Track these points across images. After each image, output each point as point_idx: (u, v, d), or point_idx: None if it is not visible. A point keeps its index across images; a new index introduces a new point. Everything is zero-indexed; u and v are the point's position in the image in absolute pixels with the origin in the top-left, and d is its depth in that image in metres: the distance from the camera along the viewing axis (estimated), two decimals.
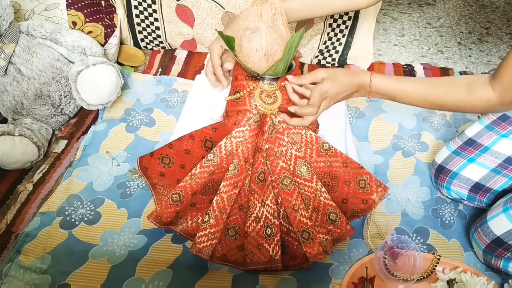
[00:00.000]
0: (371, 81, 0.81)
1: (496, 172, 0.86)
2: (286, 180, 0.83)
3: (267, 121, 0.83)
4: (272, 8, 0.75)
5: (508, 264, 0.80)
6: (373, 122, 1.17)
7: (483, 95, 0.77)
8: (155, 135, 1.12)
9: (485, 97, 0.77)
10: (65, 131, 1.15)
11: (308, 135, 0.84)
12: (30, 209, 0.96)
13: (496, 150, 0.85)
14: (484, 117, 0.87)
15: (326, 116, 0.97)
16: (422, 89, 0.81)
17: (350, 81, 0.82)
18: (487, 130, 0.86)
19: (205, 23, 1.30)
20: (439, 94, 0.81)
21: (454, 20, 1.64)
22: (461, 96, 0.79)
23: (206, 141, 0.89)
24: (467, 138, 0.89)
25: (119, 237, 0.90)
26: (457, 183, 0.92)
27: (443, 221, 0.94)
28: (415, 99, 0.83)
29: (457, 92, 0.79)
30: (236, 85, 0.85)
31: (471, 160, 0.88)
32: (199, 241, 0.81)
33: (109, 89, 1.10)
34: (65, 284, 0.81)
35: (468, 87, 0.78)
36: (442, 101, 0.81)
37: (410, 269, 0.81)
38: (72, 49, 1.12)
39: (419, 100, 0.83)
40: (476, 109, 0.81)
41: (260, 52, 0.77)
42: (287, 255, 0.84)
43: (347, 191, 0.87)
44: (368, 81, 0.81)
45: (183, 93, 1.24)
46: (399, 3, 1.72)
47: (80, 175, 1.01)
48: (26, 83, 1.05)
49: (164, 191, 0.93)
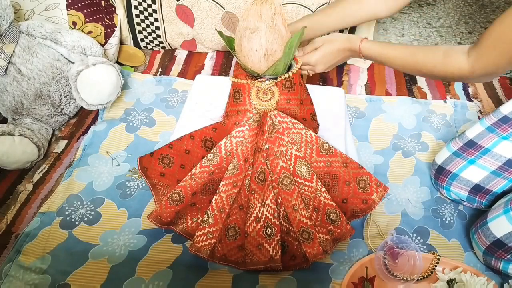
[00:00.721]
0: (360, 47, 0.95)
1: (496, 175, 0.86)
2: (286, 180, 0.83)
3: (267, 121, 0.83)
4: (272, 8, 0.75)
5: (508, 266, 0.80)
6: (373, 122, 1.17)
7: (456, 62, 0.80)
8: (155, 135, 1.12)
9: (457, 65, 0.80)
10: (65, 131, 1.15)
11: (308, 135, 0.84)
12: (30, 209, 0.96)
13: (496, 152, 0.85)
14: (485, 118, 0.87)
15: (326, 116, 0.98)
16: (404, 54, 0.90)
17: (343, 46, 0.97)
18: (488, 132, 0.86)
19: (205, 23, 1.30)
20: (418, 59, 0.88)
21: (454, 20, 1.64)
22: (436, 62, 0.84)
23: (206, 141, 0.90)
24: (467, 140, 0.89)
25: (119, 237, 0.90)
26: (456, 184, 0.92)
27: (443, 221, 0.94)
28: (398, 64, 0.92)
29: (433, 58, 0.85)
30: (236, 85, 0.85)
31: (472, 161, 0.88)
32: (198, 240, 0.82)
33: (109, 89, 1.10)
34: (65, 284, 0.81)
35: (444, 54, 0.83)
36: (420, 66, 0.88)
37: (410, 269, 0.81)
38: (72, 49, 1.12)
39: (401, 65, 0.92)
40: (448, 76, 0.85)
41: (260, 52, 0.77)
42: (287, 255, 0.84)
43: (347, 191, 0.87)
44: (358, 47, 0.95)
45: (183, 93, 1.24)
46: None
47: (80, 175, 1.01)
48: (26, 83, 1.05)
49: (164, 191, 0.93)
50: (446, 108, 1.21)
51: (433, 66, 0.85)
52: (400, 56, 0.90)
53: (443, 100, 1.24)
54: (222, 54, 1.42)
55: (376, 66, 1.38)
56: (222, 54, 1.42)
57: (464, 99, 1.25)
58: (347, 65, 1.38)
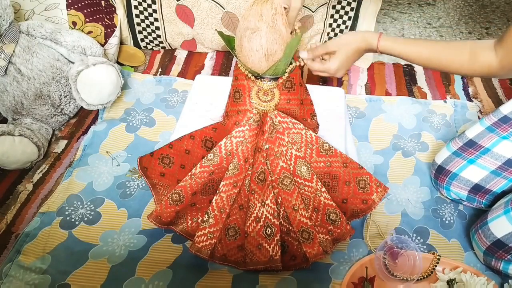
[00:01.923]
0: (378, 46, 0.90)
1: (496, 174, 0.86)
2: (286, 180, 0.83)
3: (267, 121, 0.83)
4: (272, 8, 0.75)
5: (508, 266, 0.80)
6: (373, 122, 1.17)
7: (484, 60, 0.79)
8: (155, 135, 1.12)
9: (486, 62, 0.79)
10: (65, 131, 1.15)
11: (308, 135, 0.84)
12: (30, 209, 0.96)
13: (496, 152, 0.85)
14: (485, 118, 0.87)
15: (326, 116, 0.98)
16: (426, 53, 0.86)
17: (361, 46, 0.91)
18: (488, 132, 0.86)
19: (205, 23, 1.30)
20: (441, 58, 0.85)
21: (454, 20, 1.64)
22: (463, 62, 0.82)
23: (206, 141, 0.90)
24: (467, 139, 0.89)
25: (119, 237, 0.90)
26: (456, 184, 0.92)
27: (443, 221, 0.94)
28: (420, 62, 0.89)
29: (460, 58, 0.83)
30: (236, 85, 0.85)
31: (471, 161, 0.88)
32: (198, 240, 0.82)
33: (109, 89, 1.10)
34: (65, 284, 0.81)
35: (471, 52, 0.81)
36: (444, 65, 0.86)
37: (410, 269, 0.81)
38: (72, 49, 1.12)
39: (423, 63, 0.89)
40: (477, 73, 0.83)
41: (260, 52, 0.77)
42: (287, 255, 0.84)
43: (347, 191, 0.87)
44: (376, 46, 0.90)
45: (183, 93, 1.24)
46: (399, 3, 1.72)
47: (80, 175, 1.01)
48: (26, 83, 1.05)
49: (164, 191, 0.93)
50: (446, 108, 1.21)
51: (459, 65, 0.83)
52: (422, 56, 0.87)
53: (443, 100, 1.24)
54: (222, 54, 1.42)
55: (376, 66, 1.38)
56: (222, 54, 1.42)
57: (464, 99, 1.25)
58: None
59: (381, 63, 1.39)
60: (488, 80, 1.33)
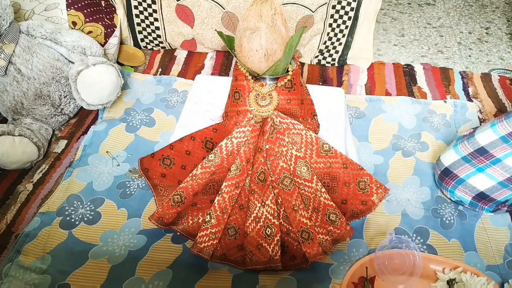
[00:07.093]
0: None
1: (503, 185, 0.86)
2: (286, 180, 0.83)
3: (268, 122, 0.83)
4: (272, 8, 0.75)
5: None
6: (373, 122, 1.17)
7: None
8: (155, 135, 1.12)
9: None
10: (65, 131, 1.15)
11: (308, 136, 0.84)
12: (30, 209, 0.96)
13: (507, 163, 0.84)
14: (499, 125, 0.85)
15: (326, 116, 0.98)
16: None
17: None
18: (502, 142, 0.84)
19: (205, 23, 1.30)
20: None
21: (454, 20, 1.64)
22: None
23: (206, 142, 0.90)
24: (479, 146, 0.87)
25: (119, 237, 0.90)
26: (462, 188, 0.91)
27: (443, 221, 0.94)
28: None
29: None
30: (236, 85, 0.85)
31: (480, 169, 0.87)
32: (200, 241, 0.82)
33: (109, 89, 1.10)
34: (65, 284, 0.81)
35: None
36: None
37: (410, 269, 0.81)
38: (72, 49, 1.12)
39: None
40: None
41: (260, 52, 0.77)
42: (286, 255, 0.84)
43: (346, 192, 0.87)
44: None
45: (183, 93, 1.24)
46: (399, 3, 1.72)
47: (80, 175, 1.01)
48: (26, 83, 1.05)
49: (165, 192, 0.94)
50: (446, 108, 1.21)
51: None
52: None
53: (443, 100, 1.24)
54: (222, 54, 1.42)
55: (376, 66, 1.38)
56: (222, 54, 1.42)
57: (464, 99, 1.25)
58: (347, 65, 1.38)
59: (381, 63, 1.39)
60: (488, 80, 1.33)
